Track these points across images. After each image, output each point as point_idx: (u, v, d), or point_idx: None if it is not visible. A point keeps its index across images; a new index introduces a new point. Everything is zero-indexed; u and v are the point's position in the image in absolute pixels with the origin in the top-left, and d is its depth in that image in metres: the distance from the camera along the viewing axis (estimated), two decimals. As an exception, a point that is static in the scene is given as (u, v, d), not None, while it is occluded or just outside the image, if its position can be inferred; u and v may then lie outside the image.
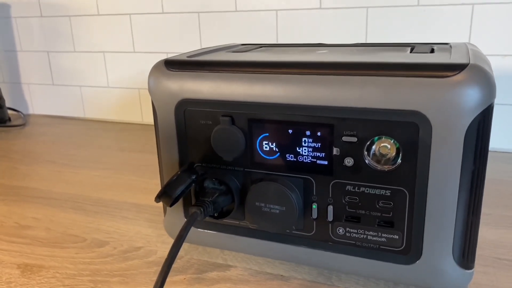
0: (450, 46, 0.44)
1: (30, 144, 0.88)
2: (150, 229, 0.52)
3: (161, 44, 0.92)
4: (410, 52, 0.43)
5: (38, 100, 1.10)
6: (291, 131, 0.38)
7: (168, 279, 0.42)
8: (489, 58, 0.69)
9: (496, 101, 0.71)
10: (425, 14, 0.72)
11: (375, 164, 0.36)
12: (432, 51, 0.42)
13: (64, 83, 1.05)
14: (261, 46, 0.55)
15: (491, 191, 0.59)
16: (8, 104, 1.12)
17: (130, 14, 0.93)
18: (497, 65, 0.70)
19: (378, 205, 0.37)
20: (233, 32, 0.85)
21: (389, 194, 0.36)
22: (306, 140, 0.38)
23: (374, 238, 0.38)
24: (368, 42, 0.76)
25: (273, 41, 0.83)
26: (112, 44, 0.97)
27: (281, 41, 0.83)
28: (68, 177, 0.70)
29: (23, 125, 1.02)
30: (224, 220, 0.43)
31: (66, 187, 0.66)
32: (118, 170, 0.72)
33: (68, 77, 1.04)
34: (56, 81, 1.06)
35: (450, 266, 0.36)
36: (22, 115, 1.09)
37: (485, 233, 0.48)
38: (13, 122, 1.04)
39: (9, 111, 1.08)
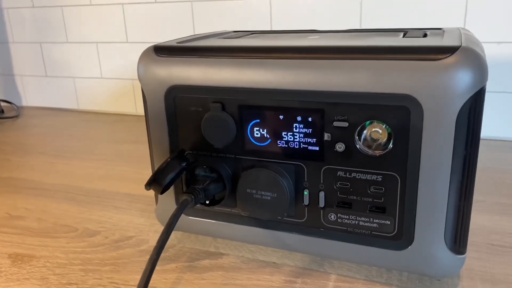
0: (443, 31, 0.44)
1: (23, 136, 0.87)
2: (142, 218, 0.52)
3: (154, 34, 0.91)
4: (403, 36, 0.42)
5: (31, 92, 1.09)
6: (282, 117, 0.38)
7: (159, 268, 0.42)
8: (483, 45, 0.68)
9: (490, 88, 0.71)
10: (420, 1, 0.71)
11: (366, 149, 0.36)
12: (425, 35, 0.42)
13: (57, 74, 1.04)
14: (252, 32, 0.54)
15: (485, 178, 0.58)
16: (1, 96, 1.11)
17: (122, 4, 0.92)
18: (491, 52, 0.70)
19: (370, 191, 0.37)
20: (227, 20, 0.85)
21: (380, 179, 0.36)
22: (297, 126, 0.37)
23: (366, 224, 0.38)
24: (361, 28, 0.75)
25: (267, 29, 0.82)
26: (105, 34, 0.96)
27: (275, 28, 0.82)
28: (61, 168, 0.69)
29: (16, 117, 1.02)
30: (216, 208, 0.43)
31: (58, 177, 0.65)
32: (111, 161, 0.71)
33: (61, 68, 1.03)
34: (49, 72, 1.05)
35: (442, 251, 0.36)
36: (15, 107, 1.08)
37: (479, 219, 0.48)
38: (6, 114, 1.03)
39: (2, 103, 1.07)
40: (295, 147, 0.38)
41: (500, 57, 0.70)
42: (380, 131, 0.35)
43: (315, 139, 0.37)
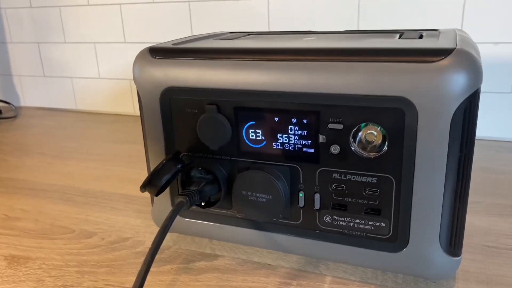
0: (439, 32, 0.44)
1: (21, 136, 0.87)
2: (139, 219, 0.52)
3: (152, 34, 0.91)
4: (399, 38, 0.42)
5: (29, 92, 1.09)
6: (277, 118, 0.38)
7: (155, 269, 0.42)
8: (480, 45, 0.69)
9: (487, 89, 0.71)
10: (417, 2, 0.71)
11: (361, 151, 0.36)
12: (421, 37, 0.42)
13: (55, 74, 1.04)
14: (249, 34, 0.54)
15: (481, 179, 0.58)
16: (-1, 96, 1.11)
17: (120, 4, 0.91)
18: (488, 53, 0.70)
19: (365, 193, 0.37)
20: (224, 21, 0.84)
21: (375, 181, 0.36)
22: (292, 128, 0.37)
23: (361, 226, 0.38)
24: (357, 29, 0.75)
25: (264, 29, 0.82)
26: (102, 34, 0.96)
27: (273, 29, 0.82)
28: (58, 169, 0.69)
29: (14, 117, 1.02)
30: (212, 210, 0.43)
31: (56, 178, 0.65)
32: (108, 162, 0.71)
33: (59, 68, 1.03)
34: (47, 72, 1.05)
35: (437, 253, 0.36)
36: (13, 107, 1.08)
37: (475, 221, 0.48)
38: (4, 115, 1.03)
39: (0, 104, 1.07)
40: (290, 149, 0.38)
41: (497, 57, 0.70)
42: (375, 133, 0.35)
43: (310, 141, 0.37)
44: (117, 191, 0.60)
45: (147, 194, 0.58)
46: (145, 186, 0.39)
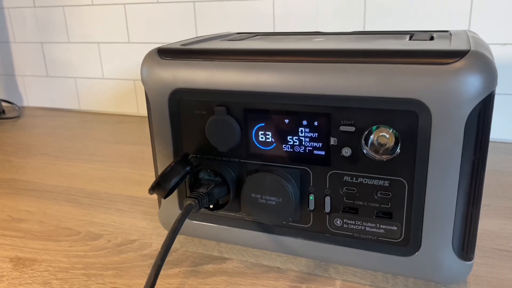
0: (450, 34, 0.44)
1: (25, 137, 0.87)
2: (145, 221, 0.52)
3: (156, 34, 0.91)
4: (409, 39, 0.42)
5: (32, 92, 1.09)
6: (287, 120, 0.37)
7: (163, 272, 0.41)
8: (488, 47, 0.68)
9: (496, 90, 0.71)
10: (424, 2, 0.71)
11: (373, 154, 0.35)
12: (432, 38, 0.41)
13: (58, 74, 1.04)
14: (256, 34, 0.53)
15: (491, 181, 0.58)
16: (2, 96, 1.11)
17: (124, 4, 0.91)
18: (496, 54, 0.69)
19: (376, 196, 0.36)
20: (229, 21, 0.84)
21: (387, 184, 0.35)
22: (303, 130, 0.37)
23: (372, 230, 0.37)
24: (366, 30, 0.75)
25: (270, 30, 0.82)
26: (106, 34, 0.95)
27: (278, 30, 0.81)
28: (63, 170, 0.69)
29: (17, 117, 1.01)
30: (220, 212, 0.42)
31: (60, 179, 0.65)
32: (113, 162, 0.71)
33: (63, 68, 1.03)
34: (50, 72, 1.04)
35: (450, 257, 0.36)
36: (17, 107, 1.07)
37: (485, 224, 0.48)
38: (7, 115, 1.03)
39: (3, 103, 1.06)
40: (301, 151, 0.38)
41: (505, 58, 0.69)
42: (387, 135, 0.34)
43: (321, 144, 0.37)
44: (122, 192, 0.60)
45: (152, 196, 0.57)
46: (153, 189, 0.38)
